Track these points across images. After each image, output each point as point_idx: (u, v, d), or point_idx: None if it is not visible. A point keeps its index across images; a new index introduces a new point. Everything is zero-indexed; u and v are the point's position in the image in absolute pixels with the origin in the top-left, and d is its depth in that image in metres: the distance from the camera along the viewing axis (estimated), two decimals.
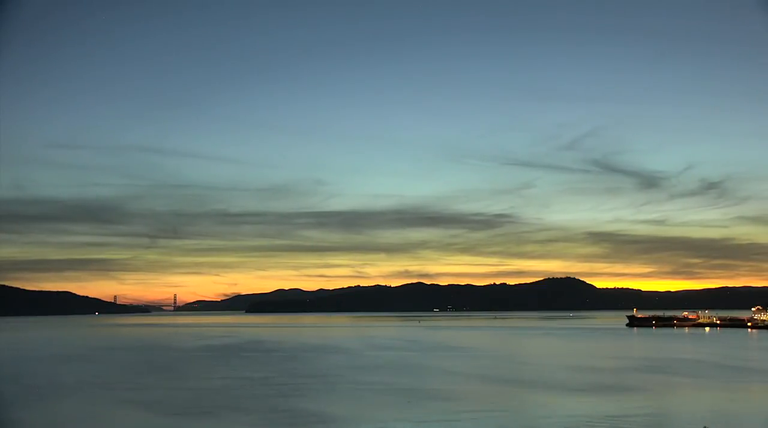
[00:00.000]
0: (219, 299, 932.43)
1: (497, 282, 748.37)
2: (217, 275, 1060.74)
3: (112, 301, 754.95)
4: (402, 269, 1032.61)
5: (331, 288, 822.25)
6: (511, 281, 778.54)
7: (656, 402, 50.25)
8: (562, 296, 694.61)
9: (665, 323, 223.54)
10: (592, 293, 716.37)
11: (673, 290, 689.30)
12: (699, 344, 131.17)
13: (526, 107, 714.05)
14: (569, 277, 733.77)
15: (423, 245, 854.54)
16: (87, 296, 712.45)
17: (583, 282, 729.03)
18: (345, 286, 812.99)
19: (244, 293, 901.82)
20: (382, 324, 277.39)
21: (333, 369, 79.23)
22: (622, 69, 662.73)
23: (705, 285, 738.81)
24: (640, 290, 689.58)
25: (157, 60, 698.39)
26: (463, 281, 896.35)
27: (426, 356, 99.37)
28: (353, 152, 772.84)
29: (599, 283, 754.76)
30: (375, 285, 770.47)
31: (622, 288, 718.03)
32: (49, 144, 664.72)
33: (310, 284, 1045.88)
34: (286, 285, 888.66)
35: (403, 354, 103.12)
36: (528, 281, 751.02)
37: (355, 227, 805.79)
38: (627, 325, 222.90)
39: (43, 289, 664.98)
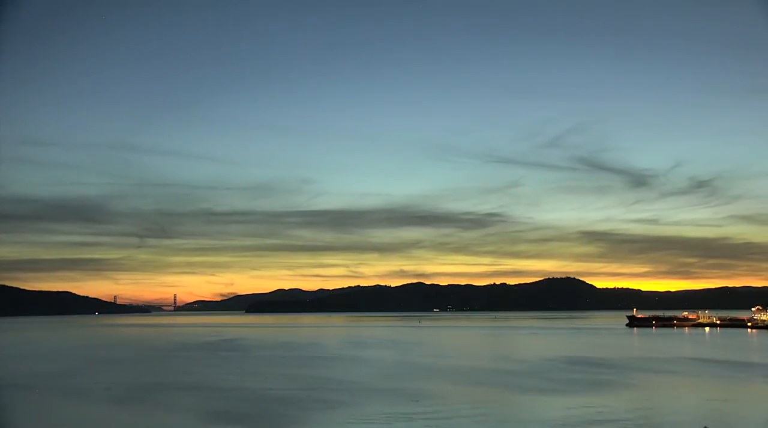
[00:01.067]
0: (218, 300, 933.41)
1: (496, 282, 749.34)
2: (213, 274, 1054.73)
3: (112, 301, 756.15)
4: (397, 268, 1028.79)
5: (331, 288, 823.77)
6: (510, 281, 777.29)
7: (656, 402, 50.37)
8: (562, 296, 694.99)
9: (665, 323, 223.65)
10: (592, 293, 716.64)
11: (672, 290, 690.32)
12: (699, 344, 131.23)
13: (505, 104, 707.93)
14: (569, 277, 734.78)
15: (416, 244, 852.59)
16: (87, 296, 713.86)
17: (583, 282, 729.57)
18: (345, 286, 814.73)
19: (240, 293, 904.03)
20: (382, 325, 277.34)
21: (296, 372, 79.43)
22: (603, 66, 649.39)
23: (703, 285, 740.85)
24: (640, 290, 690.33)
25: (137, 58, 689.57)
26: (459, 281, 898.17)
27: (419, 356, 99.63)
28: (336, 150, 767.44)
29: (598, 283, 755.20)
30: (375, 285, 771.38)
31: (621, 288, 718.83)
32: (25, 141, 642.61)
33: (308, 284, 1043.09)
34: (285, 285, 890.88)
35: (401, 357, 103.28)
36: (527, 281, 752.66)
37: (346, 226, 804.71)
38: (627, 325, 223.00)
39: (36, 289, 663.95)
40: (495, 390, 59.44)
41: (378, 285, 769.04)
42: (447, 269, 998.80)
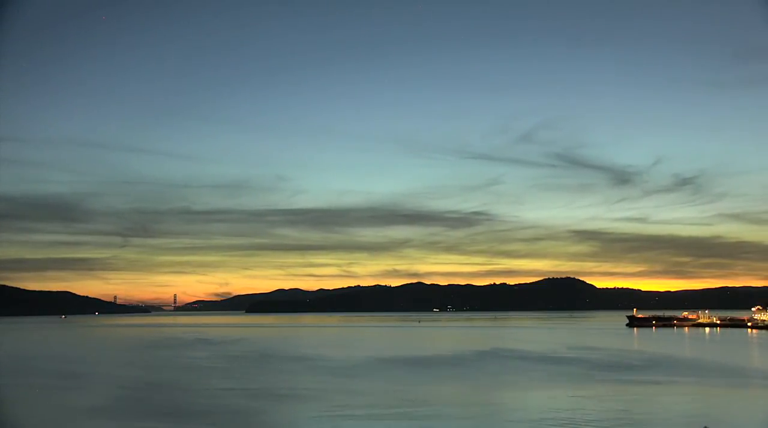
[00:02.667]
0: (219, 300, 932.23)
1: (496, 282, 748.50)
2: (205, 274, 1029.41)
3: (112, 301, 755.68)
4: (390, 268, 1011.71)
5: (331, 288, 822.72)
6: (505, 281, 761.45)
7: (656, 402, 50.79)
8: (562, 296, 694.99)
9: (665, 323, 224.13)
10: (591, 293, 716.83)
11: (672, 290, 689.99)
12: (699, 344, 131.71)
13: (471, 98, 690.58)
14: (569, 277, 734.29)
15: (405, 243, 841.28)
16: (87, 296, 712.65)
17: (583, 282, 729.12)
18: (345, 286, 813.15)
19: (234, 292, 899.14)
20: (383, 325, 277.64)
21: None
22: (572, 60, 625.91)
23: (700, 285, 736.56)
24: (639, 290, 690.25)
25: (110, 56, 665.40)
26: (453, 281, 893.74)
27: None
28: (309, 146, 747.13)
29: (597, 283, 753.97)
30: (375, 285, 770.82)
31: (621, 288, 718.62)
32: None
33: (302, 284, 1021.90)
34: (279, 285, 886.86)
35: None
36: (524, 281, 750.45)
37: (330, 225, 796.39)
38: (627, 325, 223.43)
39: (29, 288, 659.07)
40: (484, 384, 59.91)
41: (378, 285, 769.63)
42: (440, 268, 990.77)
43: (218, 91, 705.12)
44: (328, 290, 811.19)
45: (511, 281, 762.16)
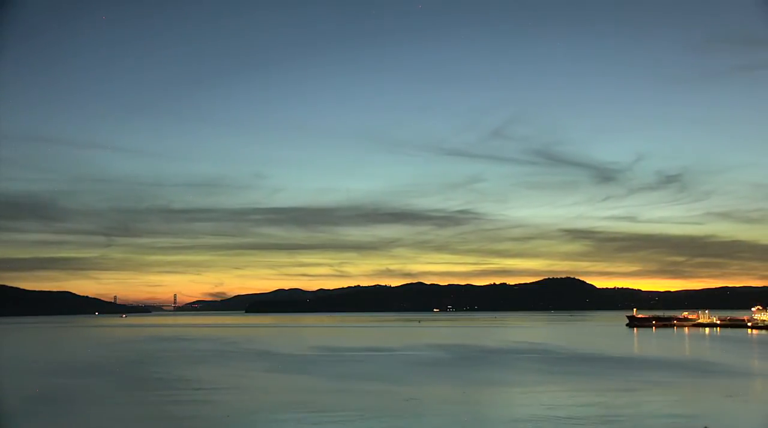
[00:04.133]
0: (219, 300, 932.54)
1: (496, 282, 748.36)
2: (198, 274, 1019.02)
3: (112, 301, 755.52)
4: (383, 267, 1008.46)
5: (331, 288, 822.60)
6: (504, 281, 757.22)
7: (656, 402, 50.98)
8: (563, 296, 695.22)
9: (665, 323, 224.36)
10: (591, 293, 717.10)
11: (672, 289, 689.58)
12: (699, 344, 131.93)
13: (437, 92, 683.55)
14: (569, 277, 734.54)
15: (394, 243, 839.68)
16: (87, 296, 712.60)
17: (583, 282, 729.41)
18: (345, 286, 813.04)
19: (228, 292, 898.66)
20: (382, 325, 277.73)
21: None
22: (542, 52, 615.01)
23: (696, 285, 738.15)
24: (639, 291, 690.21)
25: (82, 53, 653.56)
26: (449, 281, 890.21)
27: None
28: (280, 143, 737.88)
29: (597, 283, 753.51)
30: (375, 285, 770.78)
31: (621, 288, 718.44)
32: None
33: (304, 285, 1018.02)
34: (273, 285, 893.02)
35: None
36: (523, 281, 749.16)
37: (315, 223, 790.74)
38: (627, 325, 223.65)
39: (24, 288, 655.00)
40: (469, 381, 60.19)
41: (378, 285, 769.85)
42: (434, 268, 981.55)
43: (188, 87, 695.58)
44: (328, 290, 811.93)
45: (506, 280, 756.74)
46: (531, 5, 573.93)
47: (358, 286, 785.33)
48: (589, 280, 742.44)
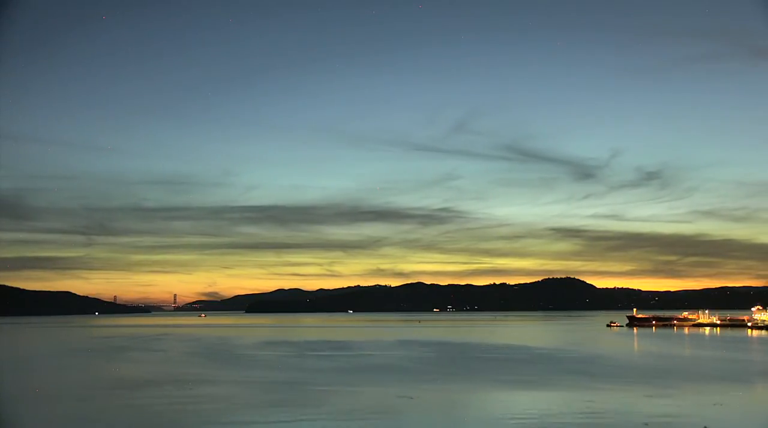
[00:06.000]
0: (219, 300, 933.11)
1: (496, 282, 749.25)
2: (190, 273, 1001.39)
3: (112, 301, 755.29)
4: (373, 267, 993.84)
5: (331, 288, 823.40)
6: (497, 280, 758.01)
7: (656, 402, 51.22)
8: (562, 296, 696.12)
9: (665, 323, 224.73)
10: (591, 293, 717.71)
11: (672, 289, 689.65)
12: (699, 344, 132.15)
13: (398, 86, 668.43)
14: (569, 277, 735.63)
15: (380, 242, 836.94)
16: (87, 296, 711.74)
17: (583, 282, 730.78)
18: (345, 286, 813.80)
19: (221, 291, 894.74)
20: (383, 326, 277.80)
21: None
22: (505, 43, 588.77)
23: (692, 285, 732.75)
24: (639, 290, 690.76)
25: (52, 50, 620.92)
26: (442, 280, 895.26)
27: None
28: (244, 139, 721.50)
29: (597, 283, 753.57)
30: (375, 285, 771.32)
31: (621, 288, 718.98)
32: None
33: (288, 283, 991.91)
34: (285, 285, 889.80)
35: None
36: (520, 282, 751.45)
37: (296, 222, 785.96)
38: (627, 325, 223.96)
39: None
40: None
41: (378, 285, 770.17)
42: (426, 267, 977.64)
43: (150, 83, 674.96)
44: (329, 290, 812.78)
45: (501, 280, 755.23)
46: (492, 3, 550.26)
47: (358, 286, 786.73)
48: (585, 279, 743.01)
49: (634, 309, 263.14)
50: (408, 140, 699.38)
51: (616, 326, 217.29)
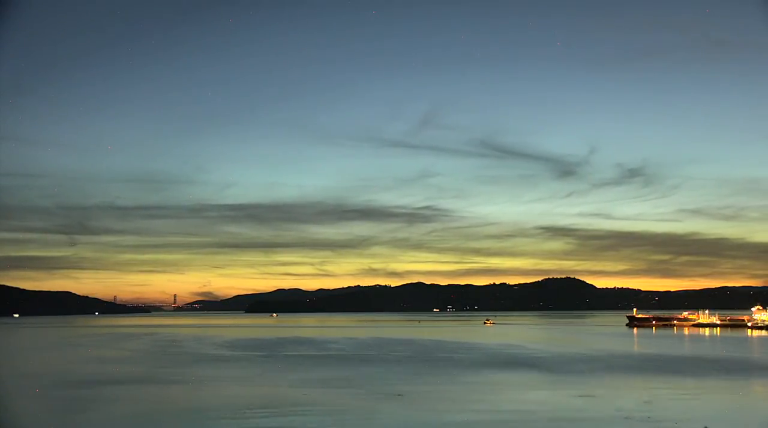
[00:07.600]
0: (220, 300, 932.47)
1: (496, 282, 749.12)
2: (182, 273, 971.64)
3: (112, 301, 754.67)
4: (365, 266, 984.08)
5: (331, 288, 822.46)
6: (495, 280, 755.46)
7: (656, 403, 51.21)
8: (562, 296, 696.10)
9: (665, 323, 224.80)
10: (591, 293, 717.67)
11: (672, 289, 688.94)
12: (699, 344, 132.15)
13: (361, 79, 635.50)
14: (569, 277, 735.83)
15: (368, 241, 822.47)
16: (87, 296, 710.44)
17: (583, 282, 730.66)
18: (345, 286, 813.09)
19: (215, 291, 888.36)
20: (383, 326, 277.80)
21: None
22: (466, 35, 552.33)
23: (688, 284, 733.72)
24: (639, 290, 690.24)
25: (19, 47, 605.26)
26: (435, 280, 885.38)
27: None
28: (219, 136, 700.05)
29: (597, 282, 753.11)
30: (375, 285, 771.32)
31: (621, 288, 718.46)
32: None
33: (282, 283, 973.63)
34: (284, 285, 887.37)
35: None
36: (519, 282, 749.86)
37: (280, 221, 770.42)
38: (627, 325, 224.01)
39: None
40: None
41: (378, 285, 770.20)
42: (418, 267, 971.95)
43: (114, 79, 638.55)
44: (329, 290, 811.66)
45: (496, 279, 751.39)
46: None
47: (358, 286, 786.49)
48: (584, 279, 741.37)
49: (635, 309, 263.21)
50: (376, 136, 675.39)
51: (491, 323, 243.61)
